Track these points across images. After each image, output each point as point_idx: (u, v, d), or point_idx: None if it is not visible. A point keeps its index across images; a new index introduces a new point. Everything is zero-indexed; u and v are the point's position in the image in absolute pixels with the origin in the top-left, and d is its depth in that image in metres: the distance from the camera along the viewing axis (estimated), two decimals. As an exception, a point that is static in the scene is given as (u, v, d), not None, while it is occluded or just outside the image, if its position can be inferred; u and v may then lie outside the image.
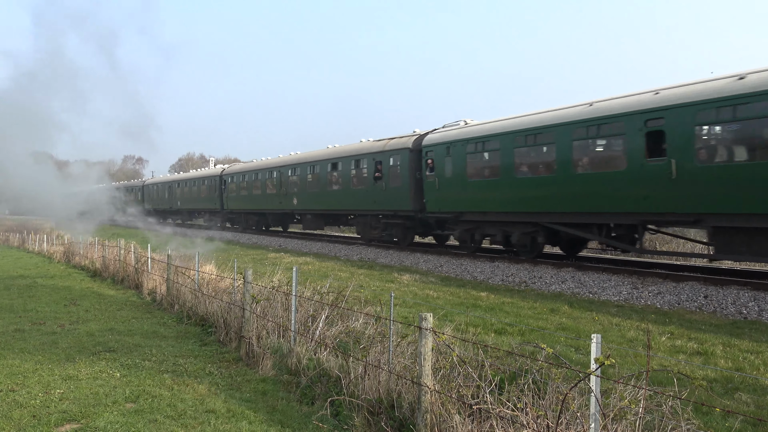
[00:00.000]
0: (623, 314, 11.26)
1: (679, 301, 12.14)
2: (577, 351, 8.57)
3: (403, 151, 22.77)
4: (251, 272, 9.43)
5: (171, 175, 60.03)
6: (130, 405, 6.60)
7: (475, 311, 11.49)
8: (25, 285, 17.59)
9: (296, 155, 32.97)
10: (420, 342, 5.33)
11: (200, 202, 45.41)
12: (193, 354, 8.89)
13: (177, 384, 7.35)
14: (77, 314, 12.41)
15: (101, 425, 5.93)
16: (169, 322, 11.48)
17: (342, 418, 5.97)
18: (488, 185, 18.77)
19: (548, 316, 11.31)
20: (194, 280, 13.09)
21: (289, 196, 31.53)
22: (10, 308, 13.27)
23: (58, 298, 14.84)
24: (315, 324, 8.44)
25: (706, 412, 5.95)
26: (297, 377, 7.26)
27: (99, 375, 7.77)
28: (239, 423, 6.02)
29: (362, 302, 10.18)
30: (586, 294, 13.54)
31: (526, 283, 15.24)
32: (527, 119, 17.58)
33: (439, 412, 5.17)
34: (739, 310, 11.20)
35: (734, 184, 12.36)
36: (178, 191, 50.57)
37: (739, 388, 6.89)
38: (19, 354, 8.95)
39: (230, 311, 9.89)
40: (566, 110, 16.39)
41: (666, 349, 8.63)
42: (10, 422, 6.09)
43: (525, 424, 4.67)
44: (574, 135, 15.75)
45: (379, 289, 13.70)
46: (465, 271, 17.53)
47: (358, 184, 25.86)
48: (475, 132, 19.46)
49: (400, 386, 5.86)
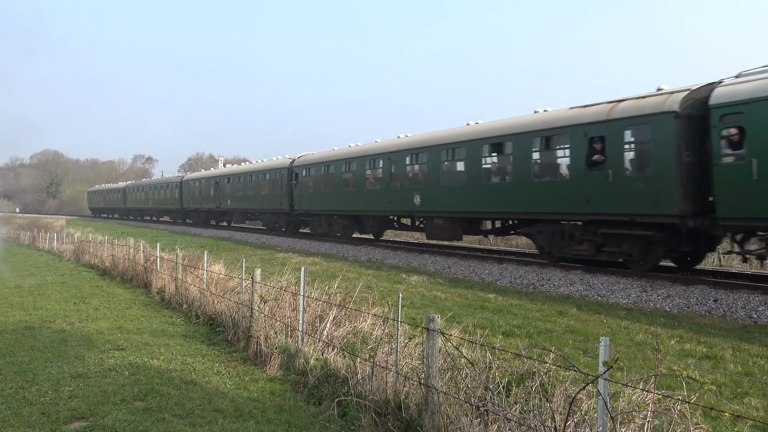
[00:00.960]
0: (632, 317, 11.21)
1: (689, 305, 12.07)
2: (586, 354, 8.54)
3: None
4: (259, 272, 9.45)
5: (219, 169, 50.35)
6: (139, 403, 6.64)
7: (483, 313, 11.47)
8: (35, 283, 17.72)
9: (421, 136, 23.25)
10: (428, 343, 5.33)
11: (259, 201, 36.65)
12: (201, 353, 8.92)
13: (185, 383, 7.39)
14: (86, 312, 12.49)
15: (110, 423, 5.97)
16: (177, 321, 11.53)
17: (349, 418, 5.98)
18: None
19: (556, 318, 11.27)
20: (203, 280, 13.14)
21: (406, 193, 22.96)
22: (21, 306, 13.38)
23: (67, 296, 14.94)
24: (323, 324, 8.46)
25: (715, 416, 5.92)
26: (304, 377, 7.28)
27: (108, 373, 7.81)
28: (247, 422, 6.03)
29: (370, 303, 10.18)
30: (594, 297, 13.49)
31: (534, 285, 15.19)
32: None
33: (447, 414, 5.16)
34: (749, 314, 11.12)
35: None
36: (228, 188, 41.58)
37: (748, 392, 6.85)
38: (29, 352, 9.02)
39: (238, 311, 9.92)
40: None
41: (675, 352, 8.59)
42: (20, 419, 6.14)
43: (532, 426, 4.66)
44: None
45: (387, 290, 13.70)
46: (473, 272, 17.50)
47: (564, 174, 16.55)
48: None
49: (408, 387, 5.86)
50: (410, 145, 23.13)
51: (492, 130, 18.94)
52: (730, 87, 12.82)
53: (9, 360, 8.50)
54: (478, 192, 19.20)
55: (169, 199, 54.24)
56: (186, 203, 50.25)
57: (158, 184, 59.14)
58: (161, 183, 58.07)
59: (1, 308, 13.12)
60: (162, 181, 59.54)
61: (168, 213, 57.34)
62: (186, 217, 53.22)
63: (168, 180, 57.29)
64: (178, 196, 51.81)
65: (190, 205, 49.29)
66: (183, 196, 50.88)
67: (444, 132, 21.84)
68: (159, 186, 58.31)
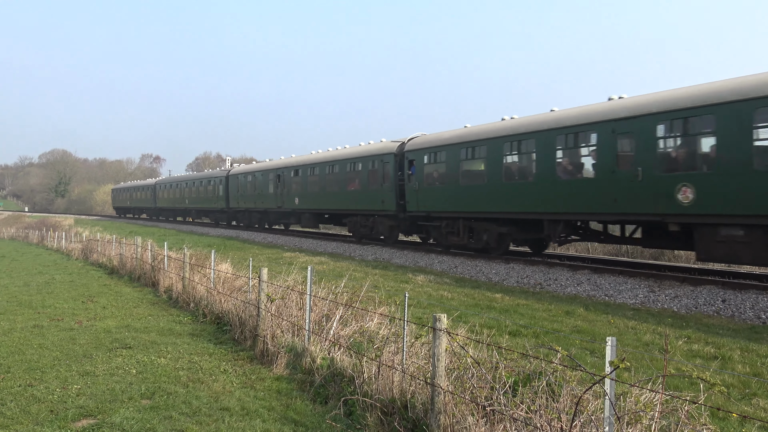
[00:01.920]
0: (639, 317, 11.16)
1: (697, 305, 12.01)
2: (593, 354, 8.51)
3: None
4: (266, 271, 9.47)
5: (282, 159, 37.48)
6: (146, 401, 6.67)
7: (489, 313, 11.46)
8: (43, 281, 17.82)
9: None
10: (434, 343, 5.32)
11: (344, 200, 27.89)
12: (208, 352, 8.95)
13: (192, 381, 7.41)
14: (94, 311, 12.56)
15: (117, 421, 6.00)
16: (184, 319, 11.57)
17: (355, 417, 5.98)
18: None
19: (563, 318, 11.24)
20: (210, 279, 13.19)
21: (658, 183, 14.11)
22: (29, 304, 13.46)
23: (75, 294, 15.02)
24: (329, 323, 8.47)
25: (723, 417, 5.89)
26: (311, 376, 7.29)
27: (115, 371, 7.85)
28: (253, 421, 6.05)
29: (376, 302, 10.19)
30: (601, 297, 13.44)
31: (541, 285, 15.16)
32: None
33: (453, 413, 5.16)
34: (758, 315, 11.06)
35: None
36: (295, 183, 32.15)
37: (756, 393, 6.81)
38: (38, 350, 9.07)
39: (245, 310, 9.95)
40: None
41: (683, 353, 8.55)
42: (28, 416, 6.18)
43: (539, 426, 4.66)
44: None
45: (393, 290, 13.70)
46: (480, 272, 17.47)
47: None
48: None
49: (414, 387, 5.86)
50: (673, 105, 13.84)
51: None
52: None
53: (18, 358, 8.56)
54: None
55: (211, 198, 45.94)
56: (233, 202, 41.90)
57: (197, 179, 50.55)
58: (201, 178, 49.61)
59: (10, 306, 13.20)
60: (202, 176, 50.94)
61: (209, 214, 49.14)
62: (233, 218, 44.61)
63: (210, 175, 48.53)
64: (223, 194, 43.40)
65: (238, 204, 40.93)
66: (229, 193, 42.62)
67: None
68: (198, 182, 49.55)
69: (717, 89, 13.14)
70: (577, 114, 16.47)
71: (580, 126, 16.16)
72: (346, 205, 27.84)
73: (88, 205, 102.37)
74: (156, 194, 60.82)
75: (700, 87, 13.72)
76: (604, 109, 15.67)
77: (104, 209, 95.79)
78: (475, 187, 19.83)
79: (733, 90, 12.73)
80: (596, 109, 15.96)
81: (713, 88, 13.27)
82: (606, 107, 15.72)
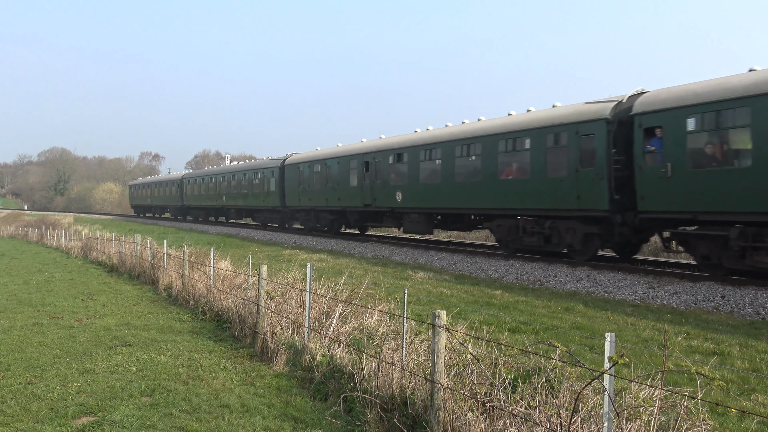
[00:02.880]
0: (639, 314, 11.18)
1: (696, 301, 12.03)
2: (592, 350, 8.53)
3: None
4: (266, 269, 9.47)
5: (384, 139, 26.68)
6: (146, 399, 6.67)
7: (489, 309, 11.47)
8: (43, 280, 17.82)
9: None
10: (433, 339, 5.33)
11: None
12: (208, 349, 8.96)
13: (192, 378, 7.42)
14: (94, 309, 12.56)
15: (117, 418, 6.00)
16: (184, 317, 11.58)
17: (355, 414, 5.99)
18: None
19: (563, 314, 11.25)
20: (209, 276, 13.19)
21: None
22: (29, 302, 13.46)
23: (75, 292, 15.02)
24: (329, 321, 8.48)
25: (722, 412, 5.90)
26: (311, 373, 7.30)
27: (115, 369, 7.86)
28: (253, 418, 6.06)
29: (376, 299, 10.19)
30: (601, 293, 13.46)
31: (540, 281, 15.17)
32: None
33: (452, 410, 5.17)
34: (757, 311, 11.07)
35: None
36: (402, 170, 23.84)
37: (756, 389, 6.82)
38: (38, 348, 9.07)
39: (245, 307, 9.96)
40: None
41: (682, 349, 8.56)
42: (29, 414, 6.19)
43: (538, 422, 4.66)
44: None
45: (393, 287, 13.71)
46: (479, 269, 17.49)
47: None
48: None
49: (414, 383, 5.87)
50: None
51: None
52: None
53: (18, 356, 8.56)
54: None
55: (259, 194, 37.84)
56: (291, 199, 33.66)
57: (237, 171, 41.62)
58: (245, 170, 40.40)
59: (10, 305, 13.20)
60: (245, 167, 41.58)
61: (254, 213, 40.85)
62: (288, 220, 36.49)
63: (257, 166, 39.46)
64: (276, 189, 35.27)
65: (299, 201, 32.63)
66: (285, 187, 34.30)
67: None
68: (241, 174, 40.55)
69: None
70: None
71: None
72: (492, 202, 19.33)
73: (87, 203, 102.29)
74: (183, 190, 53.36)
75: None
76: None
77: (104, 207, 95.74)
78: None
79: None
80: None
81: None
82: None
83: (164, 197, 58.84)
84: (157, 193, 61.20)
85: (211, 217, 49.89)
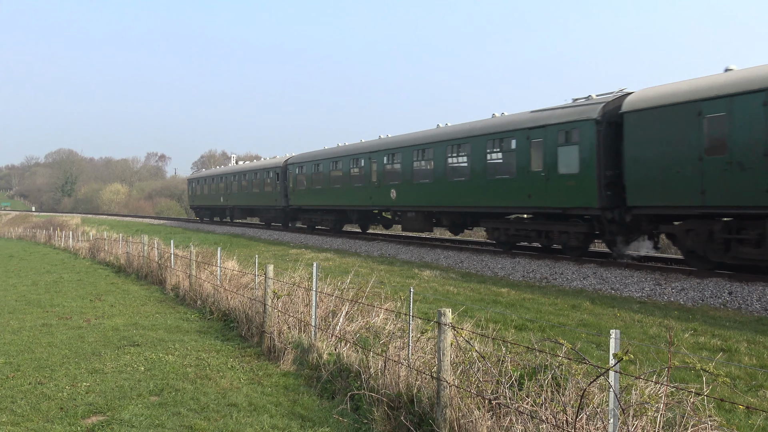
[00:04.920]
0: (645, 311, 11.16)
1: (703, 298, 11.99)
2: (599, 347, 8.52)
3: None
4: (272, 268, 9.51)
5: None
6: (155, 398, 6.72)
7: (495, 307, 11.47)
8: (51, 281, 17.94)
9: None
10: (439, 337, 5.35)
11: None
12: (216, 348, 9.00)
13: (200, 378, 7.46)
14: (102, 309, 12.64)
15: (126, 417, 6.05)
16: (191, 317, 11.63)
17: (362, 412, 6.02)
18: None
19: (569, 312, 11.24)
20: (216, 276, 13.24)
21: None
22: (38, 303, 13.55)
23: (83, 293, 15.11)
24: (335, 319, 8.50)
25: (729, 409, 5.89)
26: (318, 372, 7.32)
27: (124, 368, 7.91)
28: (261, 416, 6.09)
29: (382, 298, 10.22)
30: (608, 290, 13.43)
31: (547, 279, 15.15)
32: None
33: (459, 407, 5.19)
34: (765, 307, 11.03)
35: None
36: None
37: (763, 385, 6.81)
38: (47, 348, 9.14)
39: (252, 307, 9.99)
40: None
41: (689, 345, 8.54)
42: (39, 414, 6.25)
43: (544, 419, 4.68)
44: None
45: (399, 285, 13.73)
46: (486, 267, 17.48)
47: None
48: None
49: (420, 381, 5.89)
50: None
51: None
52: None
53: (27, 356, 8.63)
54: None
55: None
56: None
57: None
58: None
59: (19, 305, 13.30)
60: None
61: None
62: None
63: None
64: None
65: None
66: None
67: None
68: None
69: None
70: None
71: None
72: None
73: (94, 204, 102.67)
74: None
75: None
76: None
77: (110, 208, 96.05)
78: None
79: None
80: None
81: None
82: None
83: (244, 195, 41.22)
84: (234, 192, 42.94)
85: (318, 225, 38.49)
